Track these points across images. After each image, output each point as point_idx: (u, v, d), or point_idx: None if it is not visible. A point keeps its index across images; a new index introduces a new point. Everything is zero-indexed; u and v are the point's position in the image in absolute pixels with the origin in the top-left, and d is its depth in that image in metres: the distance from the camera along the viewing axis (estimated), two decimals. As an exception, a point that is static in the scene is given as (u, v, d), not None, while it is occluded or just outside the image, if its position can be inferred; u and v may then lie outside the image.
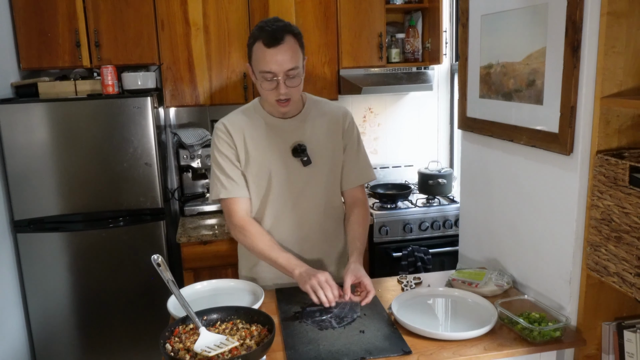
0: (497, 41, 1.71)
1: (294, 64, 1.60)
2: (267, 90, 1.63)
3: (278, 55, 1.57)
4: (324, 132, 1.77)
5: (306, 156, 1.71)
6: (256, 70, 1.63)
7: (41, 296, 2.55)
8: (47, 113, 2.44)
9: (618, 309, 1.47)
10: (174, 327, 1.33)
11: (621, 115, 1.35)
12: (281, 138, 1.73)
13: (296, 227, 1.76)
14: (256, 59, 1.61)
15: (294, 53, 1.60)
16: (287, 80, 1.61)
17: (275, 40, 1.57)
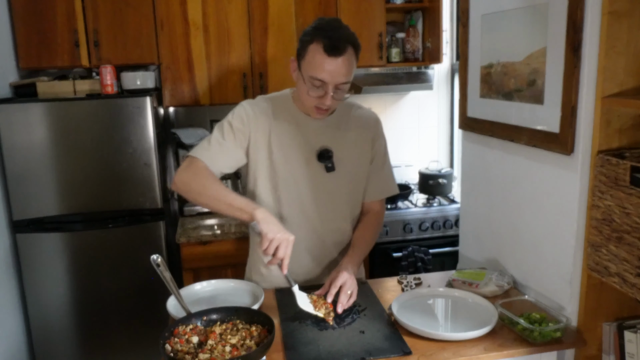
0: (498, 41, 1.71)
1: (348, 79, 1.54)
2: (312, 96, 1.56)
3: (335, 66, 1.49)
4: (352, 139, 1.71)
5: (331, 163, 1.65)
6: (306, 72, 1.54)
7: (40, 296, 2.55)
8: (46, 113, 2.44)
9: (619, 309, 1.47)
10: (174, 327, 1.33)
11: (622, 115, 1.35)
12: (307, 138, 1.66)
13: (311, 231, 1.70)
14: (310, 62, 1.52)
15: (350, 66, 1.53)
16: (335, 93, 1.54)
17: (337, 50, 1.48)
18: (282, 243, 1.43)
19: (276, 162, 1.65)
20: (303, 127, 1.67)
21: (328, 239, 1.75)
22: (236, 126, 1.63)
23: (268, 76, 2.87)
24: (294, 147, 1.66)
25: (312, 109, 1.60)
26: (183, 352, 1.24)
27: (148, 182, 2.56)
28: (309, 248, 1.73)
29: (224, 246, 2.64)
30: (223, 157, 1.63)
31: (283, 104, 1.69)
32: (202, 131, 2.96)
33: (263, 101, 1.70)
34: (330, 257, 1.78)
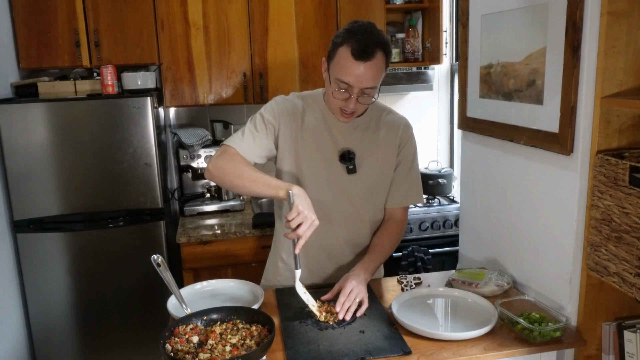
0: (497, 41, 1.71)
1: (374, 84, 1.54)
2: (337, 99, 1.57)
3: (362, 70, 1.49)
4: (378, 143, 1.70)
5: (352, 164, 1.65)
6: (333, 75, 1.55)
7: (41, 296, 2.55)
8: (47, 113, 2.44)
9: (618, 309, 1.47)
10: (174, 327, 1.33)
11: (621, 115, 1.35)
12: (334, 138, 1.67)
13: (328, 230, 1.69)
14: (338, 64, 1.52)
15: (379, 71, 1.52)
16: (360, 97, 1.55)
17: (365, 54, 1.47)
18: (307, 221, 1.43)
19: (300, 158, 1.67)
20: (330, 127, 1.68)
21: (345, 240, 1.75)
22: (267, 118, 1.66)
23: (268, 76, 2.87)
24: (319, 145, 1.67)
25: (337, 110, 1.61)
26: (183, 351, 1.24)
27: (148, 182, 2.56)
28: (325, 246, 1.73)
29: (224, 246, 2.64)
30: (255, 147, 1.65)
31: (314, 102, 1.70)
32: (203, 131, 2.96)
33: (295, 97, 1.72)
34: (346, 257, 1.77)
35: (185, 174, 3.03)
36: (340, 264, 1.77)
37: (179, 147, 2.93)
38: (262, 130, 1.66)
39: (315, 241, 1.65)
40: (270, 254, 1.89)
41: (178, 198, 3.05)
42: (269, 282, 1.85)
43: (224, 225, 2.74)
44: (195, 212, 2.91)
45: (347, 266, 1.75)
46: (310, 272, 1.76)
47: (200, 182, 3.06)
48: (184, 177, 3.04)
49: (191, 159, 2.92)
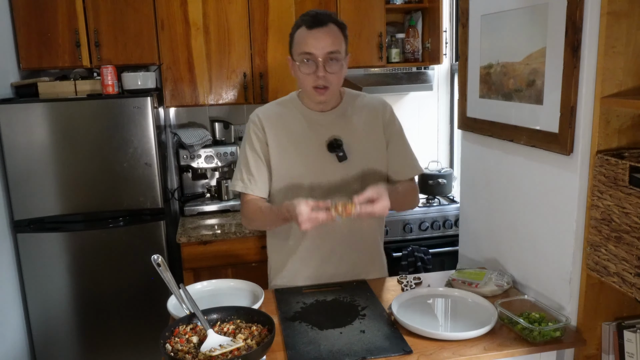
0: (497, 41, 1.71)
1: (336, 48, 1.58)
2: (305, 74, 1.60)
3: (319, 36, 1.56)
4: (363, 127, 1.73)
5: (342, 151, 1.67)
6: (296, 54, 1.60)
7: (41, 296, 2.55)
8: (47, 113, 2.44)
9: (618, 309, 1.47)
10: (174, 327, 1.33)
11: (621, 115, 1.35)
12: (317, 132, 1.70)
13: (329, 223, 1.69)
14: (297, 42, 1.60)
15: (336, 38, 1.59)
16: (327, 65, 1.58)
17: (319, 22, 1.57)
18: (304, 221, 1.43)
19: (291, 158, 1.69)
20: (312, 122, 1.70)
21: (346, 230, 1.74)
22: (253, 143, 1.71)
23: (268, 76, 2.87)
24: (305, 142, 1.69)
25: (312, 92, 1.63)
26: (183, 351, 1.24)
27: (148, 182, 2.56)
28: (327, 239, 1.73)
29: (225, 246, 2.64)
30: (259, 179, 1.70)
31: (291, 105, 1.74)
32: (203, 131, 2.97)
33: (270, 106, 1.77)
34: (350, 250, 1.77)
35: (185, 174, 3.03)
36: (344, 257, 1.77)
37: (179, 147, 2.93)
38: (253, 160, 1.70)
39: (318, 235, 1.69)
40: None
41: (178, 198, 3.05)
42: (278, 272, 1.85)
43: (224, 225, 2.74)
44: (195, 212, 2.92)
45: (350, 260, 1.76)
46: (314, 269, 1.76)
47: (200, 182, 3.06)
48: (184, 177, 3.04)
49: (191, 159, 2.92)
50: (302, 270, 1.76)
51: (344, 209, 1.45)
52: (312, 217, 1.43)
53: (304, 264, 1.76)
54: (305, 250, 1.74)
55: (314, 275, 1.76)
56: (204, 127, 3.10)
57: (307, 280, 1.76)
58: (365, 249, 1.80)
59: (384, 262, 1.90)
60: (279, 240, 1.79)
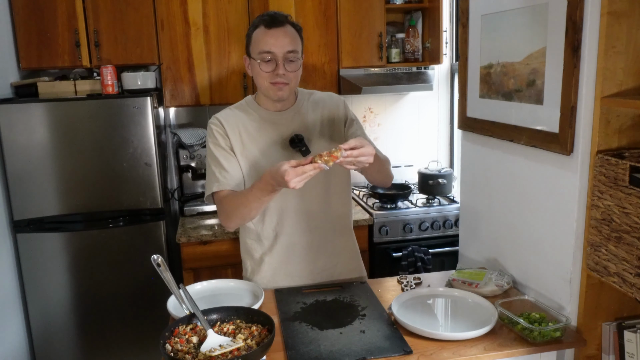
0: (497, 41, 1.71)
1: (294, 47, 1.63)
2: (265, 72, 1.63)
3: (279, 35, 1.61)
4: (321, 121, 1.77)
5: (304, 146, 1.69)
6: (255, 52, 1.63)
7: (41, 296, 2.55)
8: (47, 113, 2.44)
9: (618, 309, 1.47)
10: (174, 327, 1.33)
11: (621, 115, 1.35)
12: (278, 131, 1.72)
13: (303, 218, 1.74)
14: (256, 42, 1.63)
15: (294, 38, 1.64)
16: (286, 64, 1.62)
17: (277, 22, 1.61)
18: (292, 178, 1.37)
19: (254, 161, 1.70)
20: (271, 122, 1.73)
21: (323, 223, 1.77)
22: (219, 142, 1.70)
23: (268, 76, 2.87)
24: (266, 142, 1.71)
25: (270, 88, 1.65)
26: (183, 351, 1.24)
27: (148, 182, 2.56)
28: (306, 233, 1.75)
29: (224, 246, 2.64)
30: (234, 173, 1.69)
31: (247, 107, 1.77)
32: (202, 131, 2.96)
33: (227, 111, 1.79)
34: (330, 240, 1.79)
35: (185, 174, 3.03)
36: (326, 250, 1.79)
37: (179, 147, 2.93)
38: (222, 156, 1.68)
39: (291, 231, 1.72)
40: None
41: (178, 198, 3.05)
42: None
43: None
44: (195, 212, 2.91)
45: (333, 251, 1.79)
46: (300, 271, 1.77)
47: (200, 182, 3.06)
48: (184, 177, 3.04)
49: (191, 159, 2.92)
50: (280, 269, 1.77)
51: (329, 156, 1.38)
52: (299, 172, 1.37)
53: (281, 262, 1.76)
54: (280, 248, 1.75)
55: (292, 273, 1.77)
56: (204, 127, 3.10)
57: (286, 278, 1.77)
58: (340, 242, 1.82)
59: (357, 250, 1.91)
60: (253, 242, 1.78)
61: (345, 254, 1.85)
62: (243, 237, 1.83)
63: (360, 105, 3.36)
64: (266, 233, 1.75)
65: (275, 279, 1.77)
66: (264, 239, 1.76)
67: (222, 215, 1.68)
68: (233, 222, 1.66)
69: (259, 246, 1.77)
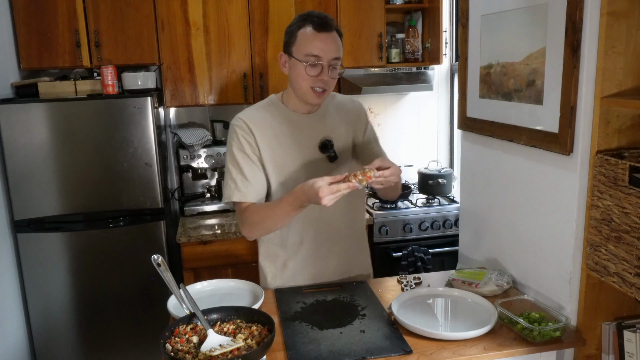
0: (497, 41, 1.71)
1: (340, 54, 1.61)
2: (310, 75, 1.58)
3: (328, 40, 1.57)
4: (344, 127, 1.75)
5: (333, 152, 1.68)
6: (300, 53, 1.58)
7: (41, 296, 2.55)
8: (47, 113, 2.44)
9: (618, 308, 1.47)
10: (174, 327, 1.33)
11: (621, 115, 1.35)
12: (305, 134, 1.69)
13: (326, 225, 1.73)
14: (302, 42, 1.57)
15: (339, 45, 1.61)
16: (330, 70, 1.59)
17: (327, 26, 1.57)
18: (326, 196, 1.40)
19: (283, 165, 1.67)
20: (298, 124, 1.70)
21: (343, 230, 1.77)
22: (244, 147, 1.64)
23: (268, 76, 2.87)
24: (295, 144, 1.68)
25: (309, 92, 1.62)
26: (183, 351, 1.24)
27: (149, 182, 2.56)
28: (325, 240, 1.75)
29: (225, 246, 2.64)
30: (256, 183, 1.65)
31: (274, 108, 1.72)
32: (203, 131, 2.97)
33: (253, 111, 1.72)
34: (347, 246, 1.80)
35: (186, 174, 3.03)
36: (342, 255, 1.79)
37: (179, 147, 2.93)
38: (246, 165, 1.64)
39: (316, 236, 1.71)
40: None
41: (178, 198, 3.05)
42: None
43: (224, 225, 2.74)
44: (195, 212, 2.92)
45: (348, 257, 1.80)
46: (317, 272, 1.77)
47: (200, 182, 3.06)
48: (184, 177, 3.04)
49: (191, 159, 2.92)
50: (303, 272, 1.76)
51: (364, 176, 1.42)
52: (333, 189, 1.40)
53: (305, 266, 1.76)
54: (305, 252, 1.74)
55: (315, 275, 1.77)
56: (204, 127, 3.10)
57: (308, 280, 1.77)
58: (356, 242, 1.85)
59: (368, 249, 1.94)
60: (277, 247, 1.77)
61: (361, 256, 1.87)
62: (265, 244, 1.79)
63: (360, 105, 3.36)
64: (292, 239, 1.73)
65: (296, 280, 1.77)
66: (289, 245, 1.74)
67: (245, 225, 1.65)
68: (256, 233, 1.67)
69: (284, 252, 1.75)
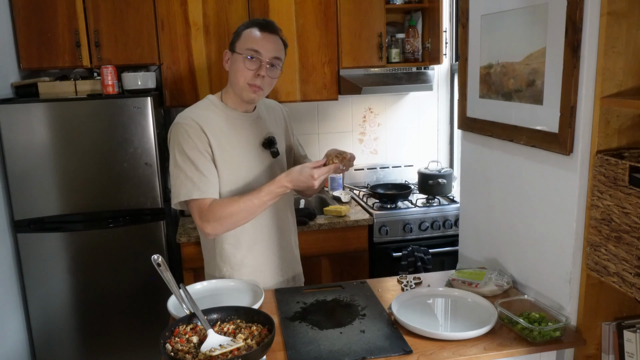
0: (497, 41, 1.71)
1: (280, 55, 1.69)
2: (248, 69, 1.64)
3: (270, 40, 1.66)
4: (276, 126, 1.84)
5: (275, 148, 1.75)
6: (241, 47, 1.66)
7: (41, 296, 2.55)
8: (47, 113, 2.44)
9: (618, 308, 1.47)
10: (174, 327, 1.33)
11: (621, 115, 1.35)
12: (247, 131, 1.74)
13: (275, 218, 1.79)
14: (245, 39, 1.67)
15: (281, 48, 1.70)
16: (269, 69, 1.66)
17: (271, 28, 1.67)
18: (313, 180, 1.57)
19: (231, 162, 1.70)
20: (239, 122, 1.74)
21: (287, 223, 1.85)
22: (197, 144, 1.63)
23: (268, 76, 2.87)
24: (239, 141, 1.72)
25: (246, 87, 1.67)
26: (183, 351, 1.24)
27: (149, 181, 2.56)
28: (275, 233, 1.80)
29: (225, 246, 2.64)
30: (212, 179, 1.65)
31: (214, 107, 1.73)
32: (203, 131, 2.96)
33: (196, 109, 1.71)
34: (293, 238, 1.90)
35: (186, 174, 3.03)
36: (290, 247, 1.87)
37: (179, 147, 2.93)
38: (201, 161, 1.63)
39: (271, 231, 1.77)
40: None
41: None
42: None
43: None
44: (195, 212, 2.91)
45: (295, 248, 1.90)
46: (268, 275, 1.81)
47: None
48: (184, 177, 3.03)
49: (191, 159, 2.92)
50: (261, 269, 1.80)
51: (341, 157, 1.62)
52: (323, 171, 1.57)
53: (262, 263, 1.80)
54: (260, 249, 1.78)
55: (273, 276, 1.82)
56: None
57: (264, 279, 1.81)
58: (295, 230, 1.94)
59: None
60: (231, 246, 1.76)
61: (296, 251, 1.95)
62: (219, 244, 1.75)
63: (360, 105, 3.36)
64: (247, 237, 1.74)
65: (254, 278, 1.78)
66: (244, 243, 1.75)
67: (209, 222, 1.58)
68: (223, 228, 1.62)
69: (238, 251, 1.76)
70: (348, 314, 1.53)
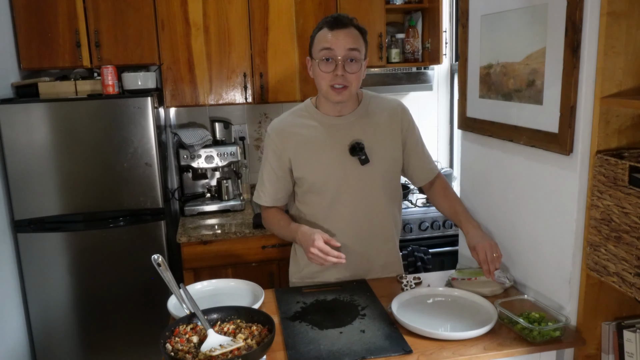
0: (497, 41, 1.71)
1: (356, 46, 1.61)
2: (324, 72, 1.61)
3: (341, 35, 1.60)
4: (382, 130, 1.75)
5: (364, 155, 1.68)
6: (316, 51, 1.62)
7: (41, 296, 2.55)
8: (48, 113, 2.44)
9: (618, 308, 1.47)
10: (174, 327, 1.33)
11: (621, 115, 1.35)
12: (337, 137, 1.70)
13: (355, 225, 1.75)
14: (317, 42, 1.64)
15: (357, 38, 1.63)
16: (346, 64, 1.60)
17: (341, 24, 1.61)
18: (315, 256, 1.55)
19: (311, 167, 1.70)
20: (330, 128, 1.71)
21: (373, 231, 1.79)
22: (268, 156, 1.76)
23: (268, 76, 2.87)
24: (325, 148, 1.70)
25: (329, 91, 1.63)
26: (183, 351, 1.25)
27: (149, 182, 2.57)
28: (353, 242, 1.75)
29: (225, 246, 2.64)
30: (272, 190, 1.78)
31: (306, 112, 1.75)
32: (203, 131, 2.97)
33: (286, 117, 1.78)
34: (374, 249, 1.82)
35: (186, 174, 3.03)
36: (369, 257, 1.81)
37: (180, 147, 2.93)
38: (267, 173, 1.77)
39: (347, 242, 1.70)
40: None
41: (178, 198, 3.05)
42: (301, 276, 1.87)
43: (224, 225, 2.74)
44: (195, 212, 2.92)
45: (375, 258, 1.81)
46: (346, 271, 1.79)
47: (200, 182, 3.06)
48: (184, 177, 3.04)
49: (191, 159, 2.92)
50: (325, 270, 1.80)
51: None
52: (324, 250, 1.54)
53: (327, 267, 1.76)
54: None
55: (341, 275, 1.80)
56: (204, 127, 3.10)
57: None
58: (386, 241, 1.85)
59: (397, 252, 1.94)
60: None
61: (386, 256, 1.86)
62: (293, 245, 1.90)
63: (360, 106, 3.36)
64: None
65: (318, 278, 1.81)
66: None
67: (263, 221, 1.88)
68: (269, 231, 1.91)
69: None
70: (348, 314, 1.54)
